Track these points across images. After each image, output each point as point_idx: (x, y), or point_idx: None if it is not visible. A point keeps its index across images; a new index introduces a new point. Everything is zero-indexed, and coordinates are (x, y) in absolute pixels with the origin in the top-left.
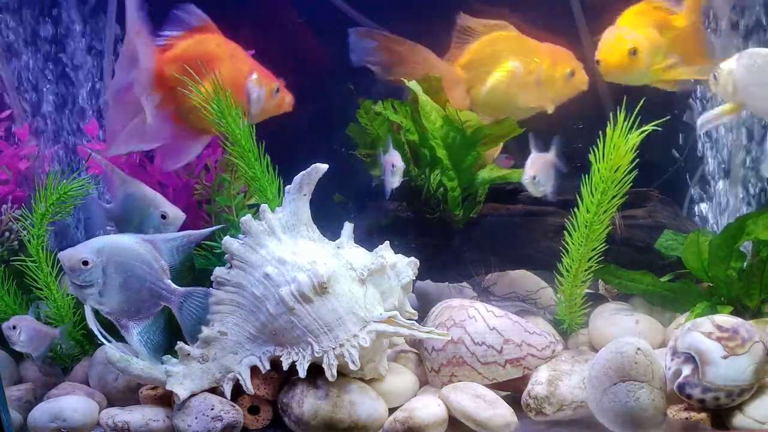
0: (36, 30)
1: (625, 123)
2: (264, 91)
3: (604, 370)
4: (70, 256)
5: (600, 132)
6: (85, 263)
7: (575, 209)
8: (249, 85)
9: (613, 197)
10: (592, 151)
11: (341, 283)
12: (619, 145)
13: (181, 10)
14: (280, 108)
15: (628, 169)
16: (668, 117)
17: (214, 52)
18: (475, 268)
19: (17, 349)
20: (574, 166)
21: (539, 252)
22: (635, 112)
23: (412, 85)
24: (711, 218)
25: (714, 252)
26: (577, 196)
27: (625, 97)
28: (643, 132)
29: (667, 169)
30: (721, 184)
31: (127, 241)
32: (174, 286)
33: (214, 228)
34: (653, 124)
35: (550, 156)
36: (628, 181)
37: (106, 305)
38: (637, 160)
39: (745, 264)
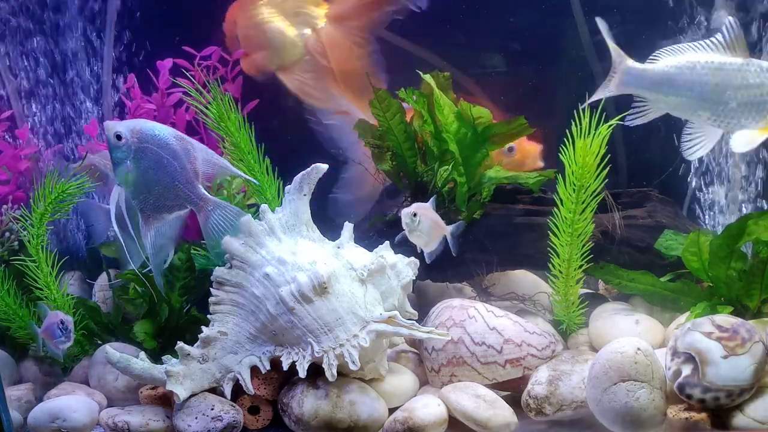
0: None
1: (593, 119)
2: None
3: (604, 370)
4: (111, 126)
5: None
6: (119, 137)
7: (557, 210)
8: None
9: (593, 193)
10: (562, 151)
11: (341, 283)
12: (587, 143)
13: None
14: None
15: (602, 165)
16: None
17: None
18: (475, 268)
19: (61, 344)
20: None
21: (539, 252)
22: (599, 109)
23: (427, 78)
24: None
25: (715, 252)
26: (555, 197)
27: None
28: (610, 126)
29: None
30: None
31: (163, 132)
32: (205, 192)
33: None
34: (617, 118)
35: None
36: (604, 177)
37: (133, 189)
38: (609, 155)
39: (745, 264)
